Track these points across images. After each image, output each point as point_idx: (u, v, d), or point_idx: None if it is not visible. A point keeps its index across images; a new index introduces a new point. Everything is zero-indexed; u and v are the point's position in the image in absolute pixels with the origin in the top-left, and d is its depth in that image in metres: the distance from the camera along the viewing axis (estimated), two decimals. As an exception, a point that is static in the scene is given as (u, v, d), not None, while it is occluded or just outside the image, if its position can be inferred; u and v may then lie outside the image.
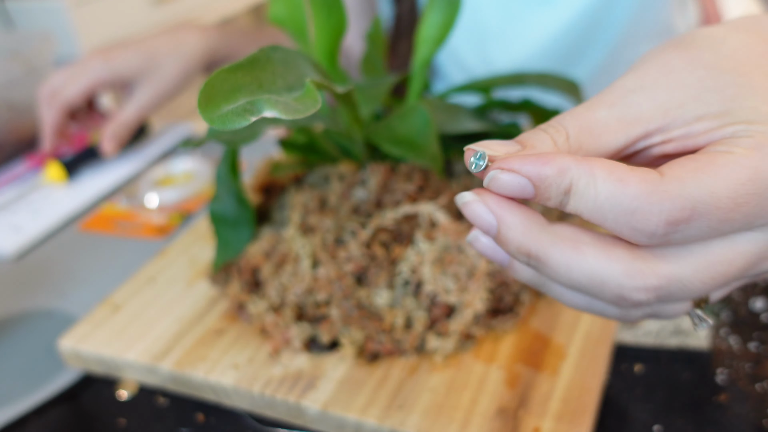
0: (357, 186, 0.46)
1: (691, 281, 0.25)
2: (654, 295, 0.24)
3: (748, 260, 0.25)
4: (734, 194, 0.23)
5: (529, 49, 0.83)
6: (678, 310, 0.28)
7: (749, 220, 0.24)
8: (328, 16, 0.42)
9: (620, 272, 0.24)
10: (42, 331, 0.54)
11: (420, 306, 0.43)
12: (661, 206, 0.23)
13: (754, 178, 0.23)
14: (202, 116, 0.28)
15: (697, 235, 0.24)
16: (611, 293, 0.25)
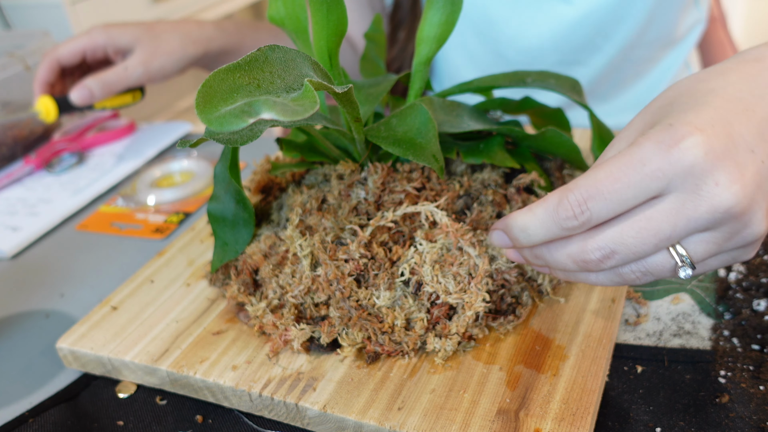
0: (357, 186, 0.46)
1: (622, 234, 0.33)
2: (606, 252, 0.33)
3: (668, 214, 0.32)
4: (609, 173, 0.32)
5: (540, 41, 0.82)
6: (657, 260, 0.34)
7: (638, 189, 0.32)
8: (327, 16, 0.42)
9: (575, 245, 0.35)
10: (41, 332, 0.54)
11: (420, 307, 0.42)
12: (557, 196, 0.34)
13: (624, 160, 0.32)
14: (200, 117, 0.28)
15: (605, 209, 0.33)
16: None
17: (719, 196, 0.31)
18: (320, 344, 0.43)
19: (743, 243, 0.33)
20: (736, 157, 0.32)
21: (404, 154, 0.42)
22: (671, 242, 0.33)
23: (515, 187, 0.48)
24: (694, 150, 0.31)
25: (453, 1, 0.46)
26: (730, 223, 0.32)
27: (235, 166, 0.47)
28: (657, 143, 0.32)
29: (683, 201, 0.32)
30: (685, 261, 0.33)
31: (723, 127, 0.32)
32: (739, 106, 0.33)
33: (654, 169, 0.32)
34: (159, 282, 0.53)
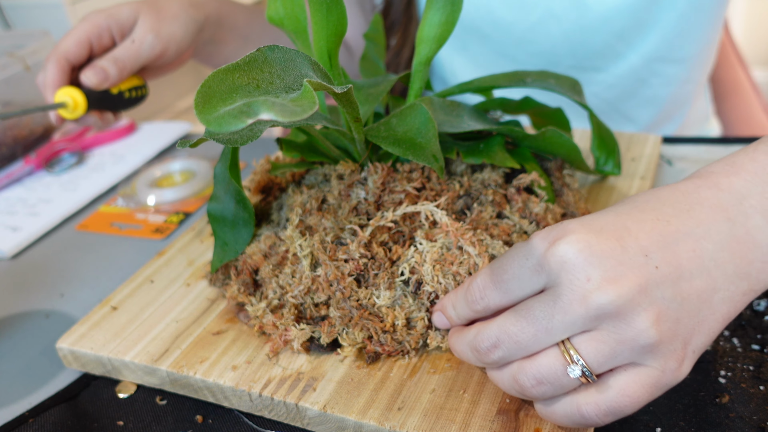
0: (357, 186, 0.46)
1: (505, 322, 0.34)
2: (493, 340, 0.35)
3: (545, 305, 0.33)
4: (501, 264, 0.35)
5: (552, 44, 0.78)
6: (549, 361, 0.33)
7: (521, 281, 0.34)
8: (327, 16, 0.42)
9: (471, 333, 0.37)
10: (41, 332, 0.54)
11: (420, 306, 0.42)
12: (469, 281, 0.37)
13: (513, 253, 0.35)
14: (199, 118, 0.28)
15: (497, 297, 0.35)
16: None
17: (590, 292, 0.31)
18: (320, 344, 0.43)
19: (639, 349, 0.32)
20: (620, 257, 0.32)
21: (404, 154, 0.42)
22: (551, 336, 0.33)
23: (515, 187, 0.48)
24: (567, 246, 0.32)
25: (453, 1, 0.46)
26: (609, 321, 0.32)
27: (235, 166, 0.47)
28: (542, 239, 0.34)
29: (559, 294, 0.32)
30: (575, 360, 0.32)
31: (615, 230, 0.33)
32: (649, 216, 0.34)
33: (534, 264, 0.34)
34: (159, 282, 0.53)
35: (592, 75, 0.80)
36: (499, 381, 0.36)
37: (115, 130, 0.89)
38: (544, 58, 0.80)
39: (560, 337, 0.33)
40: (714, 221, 0.33)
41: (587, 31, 0.76)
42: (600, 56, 0.79)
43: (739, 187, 0.34)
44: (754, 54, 2.33)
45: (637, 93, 0.82)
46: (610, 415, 0.33)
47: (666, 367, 0.32)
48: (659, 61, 0.79)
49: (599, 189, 0.58)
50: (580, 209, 0.52)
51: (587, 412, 0.33)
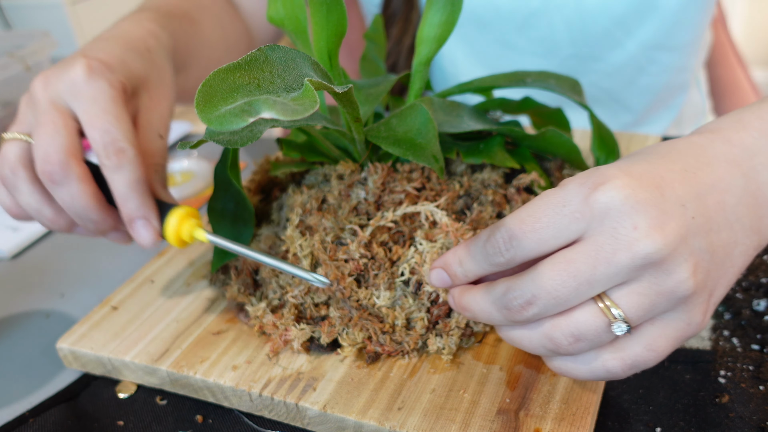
0: (357, 186, 0.46)
1: (541, 276, 0.32)
2: (528, 297, 0.32)
3: (586, 256, 0.31)
4: (531, 212, 0.33)
5: (552, 31, 0.78)
6: (587, 318, 0.32)
7: (557, 229, 0.32)
8: (327, 16, 0.42)
9: (499, 290, 0.35)
10: (41, 332, 0.54)
11: (420, 306, 0.42)
12: (487, 233, 0.34)
13: (546, 200, 0.33)
14: (200, 116, 0.28)
15: (527, 247, 0.33)
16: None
17: (637, 240, 0.30)
18: (320, 344, 0.43)
19: (675, 300, 0.31)
20: (662, 205, 0.31)
21: (404, 155, 0.42)
22: (593, 287, 0.31)
23: (515, 187, 0.48)
24: (612, 192, 0.31)
25: (453, 1, 0.46)
26: (652, 272, 0.31)
27: (235, 166, 0.47)
28: (579, 185, 0.32)
29: (601, 244, 0.31)
30: (617, 317, 0.31)
31: (652, 178, 0.32)
32: (677, 166, 0.33)
33: (573, 210, 0.32)
34: (159, 282, 0.53)
35: (592, 64, 0.80)
36: (525, 339, 0.34)
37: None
38: (543, 46, 0.80)
39: (601, 290, 0.32)
40: (732, 176, 0.33)
41: (587, 18, 0.77)
42: (599, 44, 0.79)
43: (749, 144, 0.34)
44: (754, 54, 2.33)
45: (634, 81, 0.82)
46: (634, 368, 0.33)
47: (692, 319, 0.32)
48: (657, 49, 0.79)
49: (599, 189, 0.58)
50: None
51: (613, 367, 0.33)
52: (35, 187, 0.44)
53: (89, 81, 0.43)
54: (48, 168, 0.42)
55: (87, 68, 0.44)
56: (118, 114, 0.43)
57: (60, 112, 0.43)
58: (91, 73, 0.44)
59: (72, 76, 0.43)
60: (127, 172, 0.42)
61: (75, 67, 0.44)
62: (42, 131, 0.42)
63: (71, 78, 0.44)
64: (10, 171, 0.44)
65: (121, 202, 0.43)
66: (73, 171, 0.42)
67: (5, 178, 0.44)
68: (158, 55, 0.52)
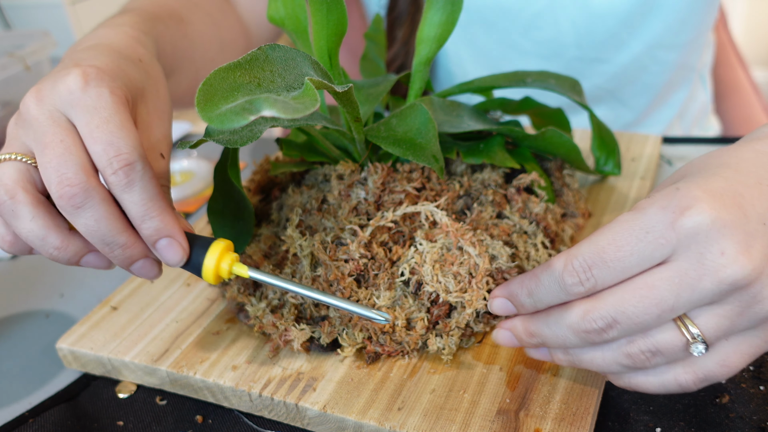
0: (357, 186, 0.46)
1: (623, 302, 0.32)
2: (608, 321, 0.32)
3: (671, 283, 0.31)
4: (612, 240, 0.32)
5: (558, 32, 0.77)
6: (666, 337, 0.32)
7: (641, 257, 0.31)
8: (327, 16, 0.42)
9: (576, 313, 0.34)
10: (41, 332, 0.54)
11: (420, 306, 0.42)
12: (562, 262, 0.33)
13: (626, 226, 0.32)
14: (201, 115, 0.28)
15: (609, 276, 0.32)
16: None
17: (725, 266, 0.30)
18: (320, 344, 0.43)
19: (757, 320, 0.31)
20: (746, 227, 0.30)
21: (404, 154, 0.42)
22: (675, 313, 0.31)
23: (515, 187, 0.48)
24: (699, 217, 0.30)
25: (453, 1, 0.46)
26: (737, 296, 0.31)
27: (235, 166, 0.47)
28: (662, 209, 0.31)
29: (686, 270, 0.31)
30: (696, 338, 0.31)
31: (733, 197, 0.31)
32: (751, 180, 0.32)
33: (657, 237, 0.31)
34: (159, 282, 0.53)
35: (597, 66, 0.80)
36: (598, 358, 0.34)
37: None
38: (549, 47, 0.79)
39: (682, 312, 0.31)
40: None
41: (594, 18, 0.76)
42: (605, 46, 0.78)
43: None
44: (754, 54, 2.34)
45: (637, 80, 0.82)
46: (705, 382, 0.33)
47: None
48: (660, 48, 0.79)
49: (599, 189, 0.58)
50: (580, 209, 0.52)
51: (685, 381, 0.33)
52: (39, 211, 0.38)
53: (87, 89, 0.38)
54: (68, 191, 0.36)
55: (83, 76, 0.38)
56: (123, 123, 0.38)
57: (64, 127, 0.38)
58: (87, 81, 0.38)
59: (68, 85, 0.38)
60: (139, 189, 0.37)
61: (70, 76, 0.38)
62: (50, 152, 0.37)
63: (67, 87, 0.38)
64: (7, 196, 0.38)
65: (139, 223, 0.38)
66: (96, 191, 0.37)
67: (0, 204, 0.38)
68: (151, 65, 0.47)
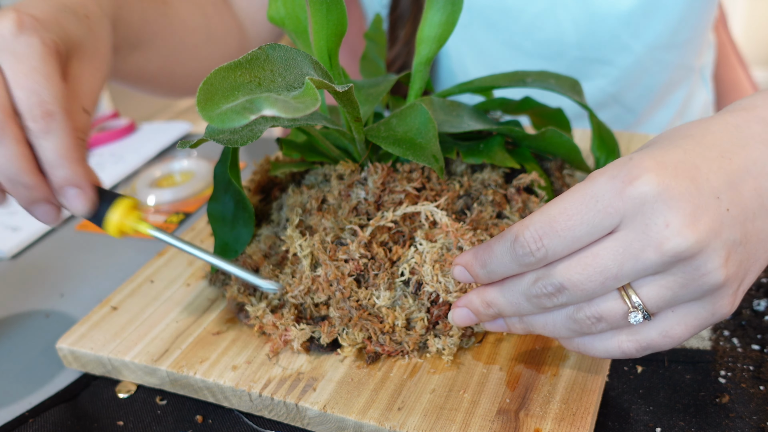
0: (357, 186, 0.46)
1: (570, 270, 0.32)
2: (556, 286, 0.33)
3: (614, 252, 0.31)
4: (562, 209, 0.32)
5: (560, 33, 0.77)
6: (608, 304, 0.33)
7: (591, 226, 0.31)
8: (327, 16, 0.42)
9: (528, 280, 0.35)
10: (41, 332, 0.54)
11: (420, 306, 0.42)
12: (514, 233, 0.33)
13: (577, 195, 0.32)
14: (201, 114, 0.28)
15: (560, 245, 0.32)
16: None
17: (668, 238, 0.30)
18: (320, 344, 0.43)
19: (701, 292, 0.32)
20: (696, 200, 0.31)
21: (404, 154, 0.42)
22: (619, 282, 0.32)
23: (515, 187, 0.48)
24: (646, 187, 0.30)
25: (453, 1, 0.46)
26: (681, 267, 0.31)
27: (235, 166, 0.47)
28: (612, 178, 0.31)
29: (631, 240, 0.31)
30: (637, 306, 0.32)
31: (688, 169, 0.31)
32: (714, 153, 0.33)
33: (606, 206, 0.31)
34: (159, 282, 0.53)
35: (599, 67, 0.79)
36: (549, 323, 0.35)
37: (115, 130, 0.89)
38: (551, 48, 0.79)
39: (626, 282, 0.32)
40: (767, 157, 0.33)
41: (594, 18, 0.76)
42: (607, 46, 0.78)
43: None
44: (754, 54, 2.34)
45: (639, 83, 0.81)
46: (648, 351, 0.34)
47: (717, 309, 0.32)
48: (659, 48, 0.78)
49: (599, 189, 0.58)
50: (580, 209, 0.52)
51: (627, 348, 0.34)
52: None
53: (19, 36, 0.39)
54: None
55: (17, 23, 0.40)
56: (49, 74, 0.39)
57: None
58: (21, 29, 0.39)
59: (1, 30, 0.39)
60: (56, 137, 0.39)
61: (4, 21, 0.40)
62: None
63: (0, 32, 0.39)
64: None
65: (50, 169, 0.40)
66: (11, 130, 0.38)
67: None
68: (98, 23, 0.48)
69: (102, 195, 0.42)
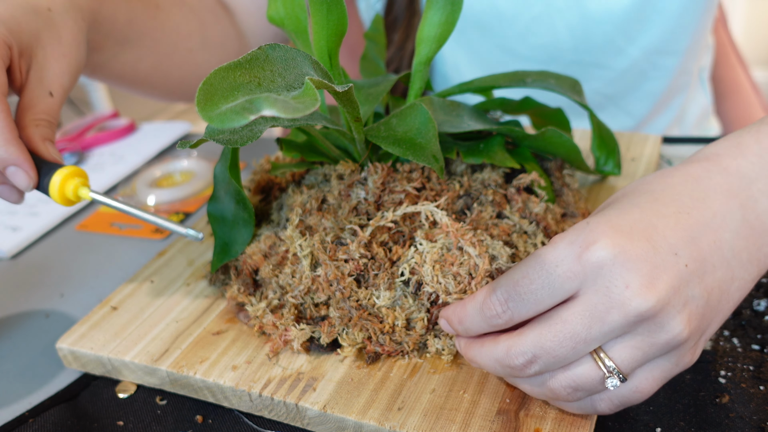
0: (357, 186, 0.46)
1: (541, 337, 0.33)
2: (529, 357, 0.34)
3: (582, 316, 0.32)
4: (525, 274, 0.33)
5: (555, 38, 0.77)
6: (584, 371, 0.34)
7: (552, 289, 0.32)
8: (327, 16, 0.42)
9: (501, 349, 0.35)
10: (41, 332, 0.54)
11: (420, 307, 0.42)
12: (483, 295, 0.35)
13: (538, 260, 0.33)
14: (201, 114, 0.28)
15: (524, 308, 0.34)
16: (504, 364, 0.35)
17: (630, 299, 0.31)
18: (320, 344, 0.43)
19: (667, 348, 0.32)
20: (653, 259, 0.32)
21: (404, 154, 0.42)
22: (589, 345, 0.33)
23: (515, 187, 0.48)
24: (603, 252, 0.31)
25: (453, 1, 0.46)
26: (645, 326, 0.32)
27: (235, 166, 0.47)
28: (570, 244, 0.33)
29: (595, 303, 0.32)
30: (612, 371, 0.33)
31: (644, 229, 0.32)
32: (671, 209, 0.33)
33: (566, 270, 0.32)
34: (159, 282, 0.53)
35: (594, 71, 0.80)
36: (527, 388, 0.36)
37: (115, 130, 0.89)
38: (546, 52, 0.79)
39: (597, 345, 0.33)
40: (728, 209, 0.33)
41: (589, 23, 0.76)
42: (602, 50, 0.78)
43: (747, 171, 0.34)
44: (754, 54, 2.34)
45: (637, 87, 0.81)
46: (620, 407, 0.35)
47: (681, 361, 0.33)
48: (659, 54, 0.78)
49: (599, 189, 0.58)
50: (580, 209, 0.52)
51: (600, 406, 0.35)
52: None
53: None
54: None
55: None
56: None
57: None
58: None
59: None
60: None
61: None
62: None
63: None
64: None
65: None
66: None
67: None
68: (61, 15, 0.51)
69: (48, 167, 0.46)
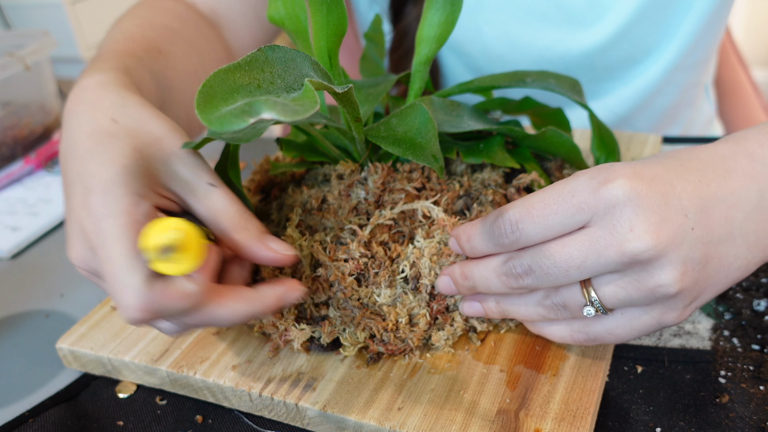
0: (357, 186, 0.46)
1: (539, 254, 0.35)
2: (525, 267, 0.36)
3: (581, 245, 0.34)
4: (541, 198, 0.35)
5: (568, 61, 0.76)
6: (572, 295, 0.36)
7: (564, 216, 0.34)
8: (327, 16, 0.42)
9: (500, 258, 0.38)
10: (41, 332, 0.54)
11: (420, 302, 0.42)
12: (495, 214, 0.36)
13: (557, 188, 0.35)
14: (200, 118, 0.28)
15: (533, 231, 0.35)
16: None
17: (629, 240, 0.32)
18: (320, 344, 0.43)
19: (652, 298, 0.34)
20: (663, 212, 0.33)
21: (404, 154, 0.42)
22: (581, 273, 0.34)
23: (515, 187, 0.48)
24: (618, 190, 0.33)
25: (453, 1, 0.46)
26: (636, 269, 0.33)
27: (235, 166, 0.47)
28: (590, 178, 0.34)
29: (598, 237, 0.33)
30: (593, 302, 0.35)
31: (662, 184, 0.34)
32: (693, 176, 0.34)
33: (580, 201, 0.34)
34: (159, 282, 0.53)
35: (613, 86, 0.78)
36: (522, 308, 0.39)
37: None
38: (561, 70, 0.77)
39: (588, 276, 0.35)
40: (746, 191, 0.35)
41: (605, 45, 0.74)
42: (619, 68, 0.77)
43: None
44: (754, 54, 2.33)
45: (650, 104, 0.80)
46: (595, 342, 0.38)
47: (664, 317, 0.35)
48: (675, 70, 0.77)
49: (599, 189, 0.58)
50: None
51: (576, 338, 0.39)
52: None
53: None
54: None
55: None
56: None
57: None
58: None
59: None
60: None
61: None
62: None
63: None
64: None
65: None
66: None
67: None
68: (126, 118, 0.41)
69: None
